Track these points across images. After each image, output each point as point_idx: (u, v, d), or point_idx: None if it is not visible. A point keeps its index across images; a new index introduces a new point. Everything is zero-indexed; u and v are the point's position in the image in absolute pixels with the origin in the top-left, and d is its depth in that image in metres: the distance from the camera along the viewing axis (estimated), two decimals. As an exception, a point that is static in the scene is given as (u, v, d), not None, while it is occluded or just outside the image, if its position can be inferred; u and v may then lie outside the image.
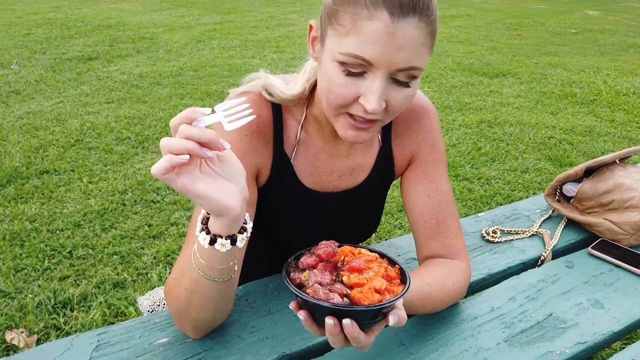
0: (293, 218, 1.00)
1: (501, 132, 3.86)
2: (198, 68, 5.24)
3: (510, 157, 3.44)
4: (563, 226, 1.28)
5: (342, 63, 0.73)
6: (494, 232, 1.24)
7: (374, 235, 2.48)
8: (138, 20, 7.70)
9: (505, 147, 3.58)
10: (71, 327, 1.87)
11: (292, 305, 0.69)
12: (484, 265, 1.12)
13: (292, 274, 0.70)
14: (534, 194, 2.95)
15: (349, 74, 0.74)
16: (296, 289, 0.66)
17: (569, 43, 7.31)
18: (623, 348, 0.96)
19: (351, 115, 0.78)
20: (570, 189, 1.30)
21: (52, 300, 1.98)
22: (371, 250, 0.75)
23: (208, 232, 0.70)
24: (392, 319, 0.66)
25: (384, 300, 0.65)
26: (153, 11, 8.58)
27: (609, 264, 1.13)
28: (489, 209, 2.77)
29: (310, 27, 0.82)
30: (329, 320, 0.64)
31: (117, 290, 2.06)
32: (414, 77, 0.75)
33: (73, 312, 1.94)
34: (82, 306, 1.97)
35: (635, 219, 1.17)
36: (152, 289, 2.06)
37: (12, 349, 1.76)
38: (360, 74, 0.74)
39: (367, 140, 0.84)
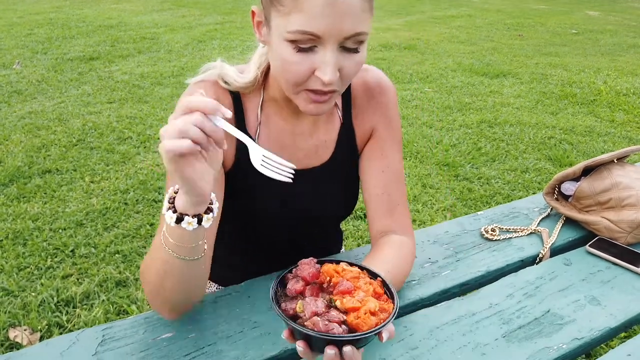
0: (266, 199, 1.01)
1: (501, 132, 3.87)
2: (199, 68, 5.24)
3: (510, 157, 3.45)
4: (561, 224, 1.29)
5: (291, 41, 0.76)
6: (493, 230, 1.25)
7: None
8: (139, 20, 7.72)
9: (505, 147, 3.60)
10: (74, 325, 1.88)
11: (284, 335, 0.69)
12: (482, 262, 1.13)
13: (283, 304, 0.69)
14: (533, 193, 2.96)
15: (300, 50, 0.76)
16: (295, 324, 0.65)
17: (569, 43, 7.32)
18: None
19: (310, 90, 0.81)
20: (568, 188, 1.32)
21: (55, 299, 1.99)
22: (350, 264, 0.75)
23: (175, 211, 0.71)
24: (385, 336, 0.67)
25: (379, 322, 0.65)
26: (154, 11, 8.59)
27: (606, 262, 1.14)
28: (489, 208, 2.78)
29: (253, 13, 0.84)
30: (330, 350, 0.64)
31: (120, 289, 2.08)
32: (361, 42, 0.78)
33: (76, 310, 1.96)
34: (85, 304, 1.99)
35: (632, 217, 1.19)
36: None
37: (16, 346, 1.78)
38: (311, 49, 0.76)
39: (328, 111, 0.87)
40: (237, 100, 0.94)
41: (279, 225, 1.05)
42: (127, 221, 2.55)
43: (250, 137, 0.95)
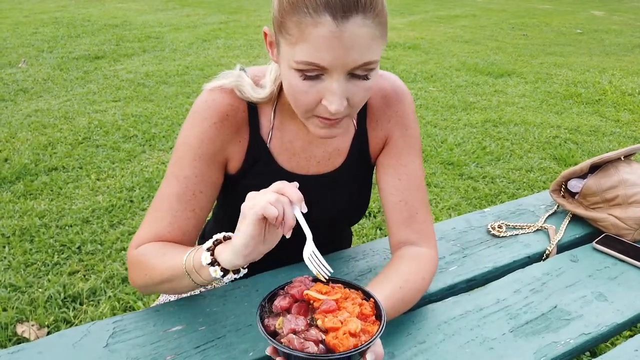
0: None
1: (506, 131, 3.87)
2: (204, 67, 5.26)
3: (515, 156, 3.45)
4: (568, 221, 1.29)
5: (298, 70, 0.76)
6: (500, 226, 1.25)
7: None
8: (144, 19, 7.74)
9: (510, 147, 3.60)
10: (80, 321, 1.89)
11: (268, 350, 0.70)
12: (489, 258, 1.14)
13: (266, 320, 0.70)
14: (538, 192, 2.95)
15: (307, 78, 0.76)
16: (271, 338, 0.66)
17: (574, 43, 7.30)
18: (626, 340, 0.97)
19: (320, 116, 0.81)
20: (575, 185, 1.32)
21: (62, 295, 2.00)
22: (345, 283, 0.76)
23: (212, 254, 0.77)
24: (369, 357, 0.68)
25: (359, 344, 0.65)
26: (159, 10, 8.62)
27: (613, 258, 1.14)
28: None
29: (265, 33, 0.85)
30: None
31: (126, 285, 2.08)
32: (372, 69, 0.77)
33: (82, 306, 1.97)
34: (92, 300, 2.00)
35: (639, 214, 1.19)
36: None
37: (23, 341, 1.79)
38: (317, 77, 0.76)
39: (340, 133, 0.87)
40: (251, 105, 0.94)
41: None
42: (132, 218, 2.56)
43: (263, 140, 0.96)
